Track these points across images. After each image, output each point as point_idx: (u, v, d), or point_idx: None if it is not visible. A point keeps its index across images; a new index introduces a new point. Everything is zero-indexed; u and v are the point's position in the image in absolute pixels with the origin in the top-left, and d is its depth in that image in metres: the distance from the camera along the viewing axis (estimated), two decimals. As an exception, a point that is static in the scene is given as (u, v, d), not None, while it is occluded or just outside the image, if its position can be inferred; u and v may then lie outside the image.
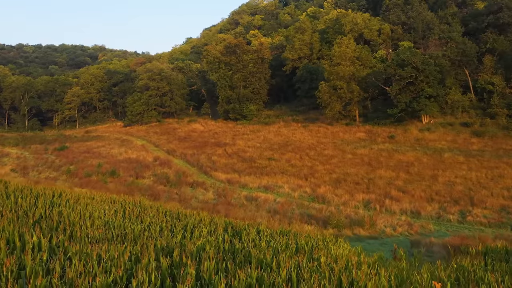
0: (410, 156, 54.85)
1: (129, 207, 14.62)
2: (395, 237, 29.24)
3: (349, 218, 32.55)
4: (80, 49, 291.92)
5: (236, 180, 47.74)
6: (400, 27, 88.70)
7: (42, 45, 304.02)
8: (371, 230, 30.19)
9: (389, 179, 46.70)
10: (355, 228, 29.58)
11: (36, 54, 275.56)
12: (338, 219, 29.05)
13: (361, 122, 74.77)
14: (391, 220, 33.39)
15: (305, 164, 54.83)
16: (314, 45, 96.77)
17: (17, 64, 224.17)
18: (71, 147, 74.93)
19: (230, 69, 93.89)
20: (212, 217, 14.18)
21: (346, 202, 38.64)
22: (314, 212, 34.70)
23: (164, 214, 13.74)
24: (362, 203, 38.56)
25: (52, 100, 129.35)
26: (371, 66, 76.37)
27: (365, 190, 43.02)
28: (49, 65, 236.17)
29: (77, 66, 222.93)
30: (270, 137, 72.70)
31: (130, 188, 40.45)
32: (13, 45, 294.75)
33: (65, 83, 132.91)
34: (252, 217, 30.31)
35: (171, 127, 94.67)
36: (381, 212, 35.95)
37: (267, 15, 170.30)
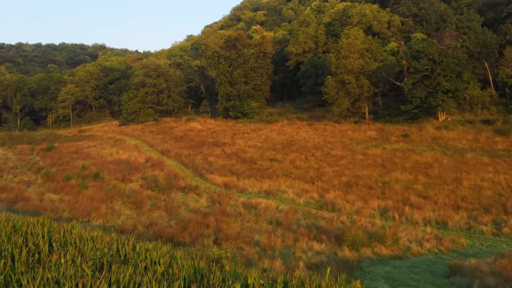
0: (428, 156, 49.42)
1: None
2: (423, 256, 23.84)
3: (365, 230, 27.00)
4: (80, 48, 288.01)
5: (234, 184, 42.40)
6: (411, 19, 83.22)
7: (42, 44, 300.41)
8: (394, 247, 24.74)
9: (407, 182, 41.34)
10: (375, 245, 24.13)
11: (36, 53, 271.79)
12: (355, 235, 23.58)
13: (371, 119, 69.37)
14: (415, 233, 27.98)
15: (311, 165, 49.51)
16: (319, 38, 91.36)
17: (15, 63, 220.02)
18: (60, 147, 69.90)
19: (230, 65, 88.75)
20: (172, 256, 8.84)
21: (359, 210, 33.24)
22: (324, 224, 29.26)
23: (82, 257, 8.28)
24: (378, 211, 33.20)
25: (46, 99, 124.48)
26: (382, 60, 70.85)
27: (380, 195, 37.63)
28: (48, 64, 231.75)
29: (77, 65, 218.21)
30: (272, 136, 67.53)
31: (110, 194, 35.14)
32: (13, 44, 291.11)
33: (59, 81, 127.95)
34: (249, 232, 24.89)
35: (168, 126, 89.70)
36: (401, 222, 30.56)
37: (269, 10, 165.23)
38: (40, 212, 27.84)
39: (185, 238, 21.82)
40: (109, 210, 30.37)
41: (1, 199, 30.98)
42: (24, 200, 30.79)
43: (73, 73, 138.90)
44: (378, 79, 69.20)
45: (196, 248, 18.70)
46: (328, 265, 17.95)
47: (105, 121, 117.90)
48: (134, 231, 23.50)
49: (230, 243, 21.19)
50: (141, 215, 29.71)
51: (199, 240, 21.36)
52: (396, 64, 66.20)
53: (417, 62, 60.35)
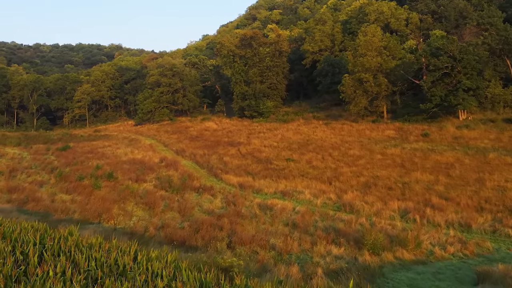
0: (449, 156, 47.93)
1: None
2: (448, 261, 22.65)
3: (386, 233, 25.86)
4: (97, 48, 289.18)
5: (249, 185, 41.41)
6: (429, 16, 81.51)
7: (59, 45, 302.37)
8: (416, 251, 23.57)
9: (427, 183, 40.01)
10: (396, 249, 22.98)
11: (53, 54, 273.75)
12: (375, 238, 22.46)
13: (389, 118, 67.87)
14: (437, 236, 26.74)
15: (328, 165, 48.34)
16: (336, 37, 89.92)
17: (32, 64, 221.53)
18: (75, 147, 69.61)
19: (246, 63, 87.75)
20: (176, 267, 7.90)
21: (378, 211, 32.06)
22: (342, 226, 28.15)
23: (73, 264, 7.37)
24: (398, 213, 31.97)
25: (62, 98, 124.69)
26: (400, 57, 69.28)
27: (400, 196, 36.37)
28: (65, 64, 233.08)
29: (93, 65, 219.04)
30: (288, 136, 66.42)
31: (123, 194, 34.39)
32: (30, 45, 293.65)
33: (75, 81, 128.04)
34: (264, 234, 23.91)
35: (183, 125, 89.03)
36: (423, 225, 29.28)
37: (285, 9, 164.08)
38: (51, 213, 27.22)
39: (197, 242, 20.91)
40: (121, 211, 29.63)
41: (12, 199, 30.41)
42: (35, 200, 30.17)
43: (89, 73, 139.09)
44: (397, 77, 67.67)
45: (207, 254, 17.77)
46: (349, 272, 16.94)
47: (120, 121, 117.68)
48: (145, 234, 22.68)
49: (244, 247, 20.25)
50: (153, 216, 28.90)
51: (212, 243, 20.43)
52: (415, 61, 64.61)
53: (437, 59, 58.78)
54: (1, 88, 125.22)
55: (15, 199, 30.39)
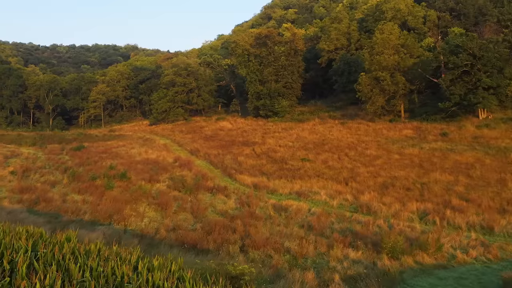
0: (468, 156, 46.70)
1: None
2: (470, 266, 21.64)
3: (405, 236, 24.88)
4: (113, 48, 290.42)
5: (264, 185, 40.63)
6: (448, 13, 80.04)
7: (75, 45, 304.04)
8: (437, 255, 22.61)
9: (447, 184, 38.93)
10: (416, 253, 22.04)
11: (69, 54, 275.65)
12: (394, 241, 21.54)
13: (407, 118, 66.65)
14: (459, 239, 25.74)
15: (345, 165, 47.38)
16: (352, 35, 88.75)
17: (49, 64, 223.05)
18: (89, 147, 69.42)
19: (261, 63, 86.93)
20: (180, 278, 7.16)
21: (396, 213, 31.09)
22: (359, 228, 27.26)
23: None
24: (417, 215, 31.00)
25: (78, 99, 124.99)
26: (418, 55, 67.96)
27: (419, 197, 35.35)
28: (81, 64, 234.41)
29: (109, 66, 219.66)
30: (304, 135, 65.52)
31: (135, 195, 33.83)
32: (47, 46, 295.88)
33: (91, 81, 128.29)
34: (278, 237, 23.13)
35: (198, 125, 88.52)
36: (443, 227, 28.27)
37: (300, 8, 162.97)
38: (61, 214, 26.74)
39: (209, 245, 20.18)
40: (133, 212, 29.05)
41: (23, 200, 29.98)
42: (46, 201, 29.71)
43: (104, 73, 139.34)
44: (414, 76, 66.44)
45: (218, 258, 17.07)
46: (367, 278, 16.09)
47: (135, 121, 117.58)
48: (155, 236, 22.04)
49: (258, 250, 19.49)
50: (165, 217, 28.26)
51: (224, 247, 19.70)
52: (434, 59, 63.31)
53: (456, 57, 57.49)
54: (17, 88, 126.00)
55: (26, 200, 29.95)
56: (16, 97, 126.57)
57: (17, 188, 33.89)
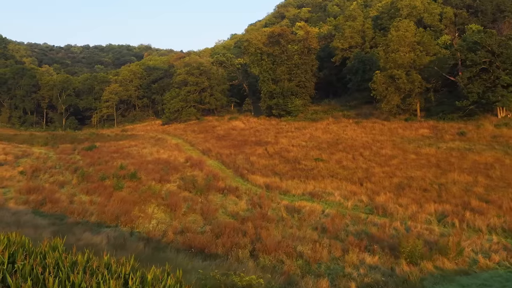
0: (487, 156, 45.31)
1: None
2: (493, 271, 20.51)
3: (422, 238, 23.73)
4: (126, 48, 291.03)
5: (276, 185, 39.65)
6: (464, 10, 78.43)
7: (89, 46, 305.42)
8: (458, 259, 21.47)
9: (466, 184, 37.68)
10: (436, 257, 20.91)
11: (83, 55, 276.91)
12: (413, 245, 20.43)
13: (423, 116, 65.24)
14: (480, 242, 24.59)
15: (359, 165, 46.25)
16: (366, 33, 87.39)
17: (63, 64, 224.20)
18: (101, 147, 68.83)
19: (274, 61, 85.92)
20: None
21: (414, 215, 29.96)
22: (375, 231, 26.18)
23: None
24: (435, 217, 29.84)
25: (90, 98, 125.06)
26: (434, 53, 66.47)
27: (437, 198, 34.17)
28: (95, 65, 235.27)
29: (122, 66, 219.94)
30: (317, 135, 64.42)
31: (144, 195, 33.00)
32: (62, 46, 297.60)
33: (103, 80, 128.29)
34: (291, 240, 22.15)
35: (210, 125, 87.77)
36: (462, 230, 27.11)
37: (314, 7, 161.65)
38: (67, 215, 25.98)
39: (217, 249, 19.22)
40: (141, 213, 28.22)
41: (29, 201, 29.26)
42: (53, 202, 28.95)
43: (117, 73, 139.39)
44: (430, 74, 65.00)
45: (227, 264, 16.14)
46: (386, 286, 15.06)
47: (148, 121, 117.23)
48: (162, 239, 21.17)
49: (269, 255, 18.50)
50: (174, 219, 27.39)
51: (234, 251, 18.74)
52: (451, 56, 61.83)
53: (474, 54, 56.04)
54: (30, 88, 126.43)
55: (32, 200, 29.24)
56: (29, 97, 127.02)
57: (24, 188, 33.22)
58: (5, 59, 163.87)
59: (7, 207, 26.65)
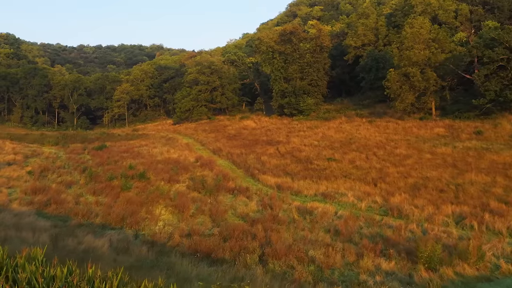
0: (506, 156, 43.88)
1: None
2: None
3: (441, 242, 22.61)
4: (138, 48, 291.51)
5: (288, 186, 38.65)
6: (480, 7, 76.79)
7: (102, 46, 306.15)
8: (479, 264, 20.33)
9: (484, 185, 36.36)
10: (456, 262, 19.79)
11: (96, 55, 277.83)
12: (432, 250, 19.33)
13: (438, 115, 63.76)
14: (500, 246, 23.42)
15: (373, 165, 45.06)
16: (379, 30, 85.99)
17: (75, 64, 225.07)
18: (111, 146, 68.32)
19: (285, 60, 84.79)
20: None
21: (430, 216, 28.80)
22: (390, 233, 25.09)
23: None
24: (452, 218, 28.64)
25: (102, 98, 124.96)
26: (450, 50, 64.92)
27: (454, 200, 32.91)
28: (107, 64, 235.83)
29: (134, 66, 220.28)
30: (330, 134, 63.26)
31: (152, 196, 32.16)
32: (75, 46, 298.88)
33: (115, 80, 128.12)
34: (302, 244, 21.15)
35: (221, 124, 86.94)
36: (482, 232, 25.92)
37: (326, 6, 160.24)
38: (70, 217, 25.22)
39: (225, 253, 18.26)
40: (148, 214, 27.39)
41: (34, 201, 28.57)
42: (58, 203, 28.21)
43: (129, 73, 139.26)
44: (446, 72, 63.48)
45: (234, 270, 15.19)
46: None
47: (159, 120, 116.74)
48: (167, 243, 20.28)
49: (279, 260, 17.52)
50: (182, 221, 26.51)
51: (242, 256, 17.77)
52: (467, 54, 60.27)
53: (491, 51, 54.53)
54: (42, 88, 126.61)
55: (37, 201, 28.54)
56: (41, 96, 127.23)
57: (30, 188, 32.57)
58: (17, 59, 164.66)
59: (10, 208, 25.96)
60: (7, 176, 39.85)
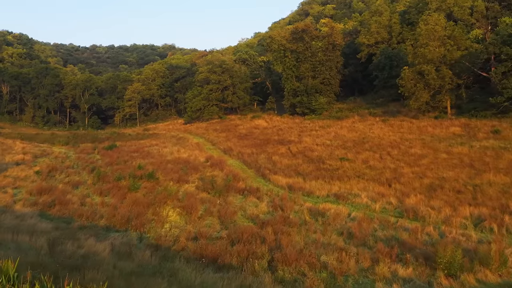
0: (525, 155, 42.55)
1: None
2: (543, 285, 18.17)
3: (459, 246, 21.41)
4: (150, 48, 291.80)
5: (299, 186, 37.65)
6: (497, 3, 75.08)
7: (114, 46, 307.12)
8: (502, 271, 19.14)
9: (503, 186, 35.04)
10: (477, 269, 18.64)
11: (108, 55, 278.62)
12: (452, 255, 18.21)
13: (453, 114, 62.30)
14: (524, 250, 22.16)
15: (387, 165, 43.90)
16: (393, 28, 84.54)
17: (88, 64, 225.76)
18: (122, 146, 67.92)
19: (297, 58, 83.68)
20: None
21: (447, 218, 27.61)
22: (406, 236, 23.95)
23: None
24: (470, 221, 27.42)
25: (113, 98, 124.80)
26: (466, 48, 63.37)
27: (471, 201, 31.66)
28: (119, 64, 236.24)
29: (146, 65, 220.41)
30: (342, 133, 62.13)
31: (160, 196, 31.30)
32: (87, 47, 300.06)
33: (126, 79, 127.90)
34: (314, 248, 20.14)
35: (233, 123, 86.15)
36: (502, 235, 24.71)
37: (339, 4, 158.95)
38: (74, 219, 24.41)
39: (232, 258, 17.27)
40: (155, 216, 26.53)
41: (38, 202, 27.82)
42: (62, 204, 27.45)
43: (140, 72, 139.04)
44: (462, 69, 62.00)
45: (241, 278, 14.23)
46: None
47: (170, 120, 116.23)
48: (172, 246, 19.36)
49: (289, 266, 16.53)
50: (189, 223, 25.61)
51: (250, 261, 16.80)
52: (484, 51, 58.72)
53: (509, 48, 53.04)
54: (54, 87, 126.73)
55: (42, 202, 27.80)
56: (52, 96, 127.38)
57: (36, 189, 31.88)
58: (30, 59, 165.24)
59: (13, 210, 25.24)
60: (14, 176, 39.36)
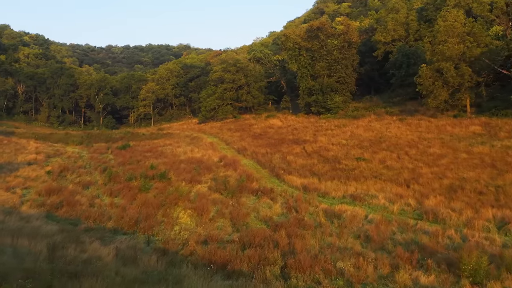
0: (549, 155, 41.08)
1: None
2: None
3: (484, 251, 20.21)
4: (165, 48, 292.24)
5: (315, 187, 36.61)
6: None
7: (130, 46, 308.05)
8: (531, 278, 17.97)
9: (527, 187, 33.69)
10: (504, 276, 17.49)
11: (124, 55, 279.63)
12: (477, 261, 17.08)
13: (473, 113, 60.68)
14: (552, 256, 20.89)
15: (405, 165, 42.64)
16: (410, 25, 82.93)
17: (103, 64, 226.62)
18: (135, 146, 67.41)
19: (312, 57, 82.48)
20: None
21: (469, 221, 26.40)
22: (427, 240, 22.82)
23: None
24: (494, 223, 26.24)
25: (128, 97, 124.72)
26: (486, 44, 61.64)
27: (494, 202, 30.41)
28: (134, 64, 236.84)
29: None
30: (358, 133, 60.90)
31: (171, 197, 30.49)
32: (103, 47, 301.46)
33: (141, 79, 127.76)
34: (329, 252, 19.11)
35: (247, 123, 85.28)
36: (527, 239, 23.51)
37: (354, 2, 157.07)
38: (82, 220, 23.67)
39: (242, 264, 16.32)
40: (165, 217, 25.72)
41: (46, 203, 27.16)
42: (71, 205, 26.74)
43: (155, 72, 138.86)
44: (481, 67, 60.34)
45: (251, 286, 13.29)
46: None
47: (185, 119, 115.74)
48: (180, 251, 18.48)
49: (303, 273, 15.55)
50: (200, 225, 24.73)
51: (261, 267, 15.85)
52: (505, 47, 57.07)
53: (531, 44, 51.54)
54: (69, 87, 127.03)
55: (50, 203, 27.12)
56: (67, 96, 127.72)
57: (45, 189, 31.22)
58: (46, 59, 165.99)
59: (19, 211, 24.57)
60: (25, 176, 38.87)
